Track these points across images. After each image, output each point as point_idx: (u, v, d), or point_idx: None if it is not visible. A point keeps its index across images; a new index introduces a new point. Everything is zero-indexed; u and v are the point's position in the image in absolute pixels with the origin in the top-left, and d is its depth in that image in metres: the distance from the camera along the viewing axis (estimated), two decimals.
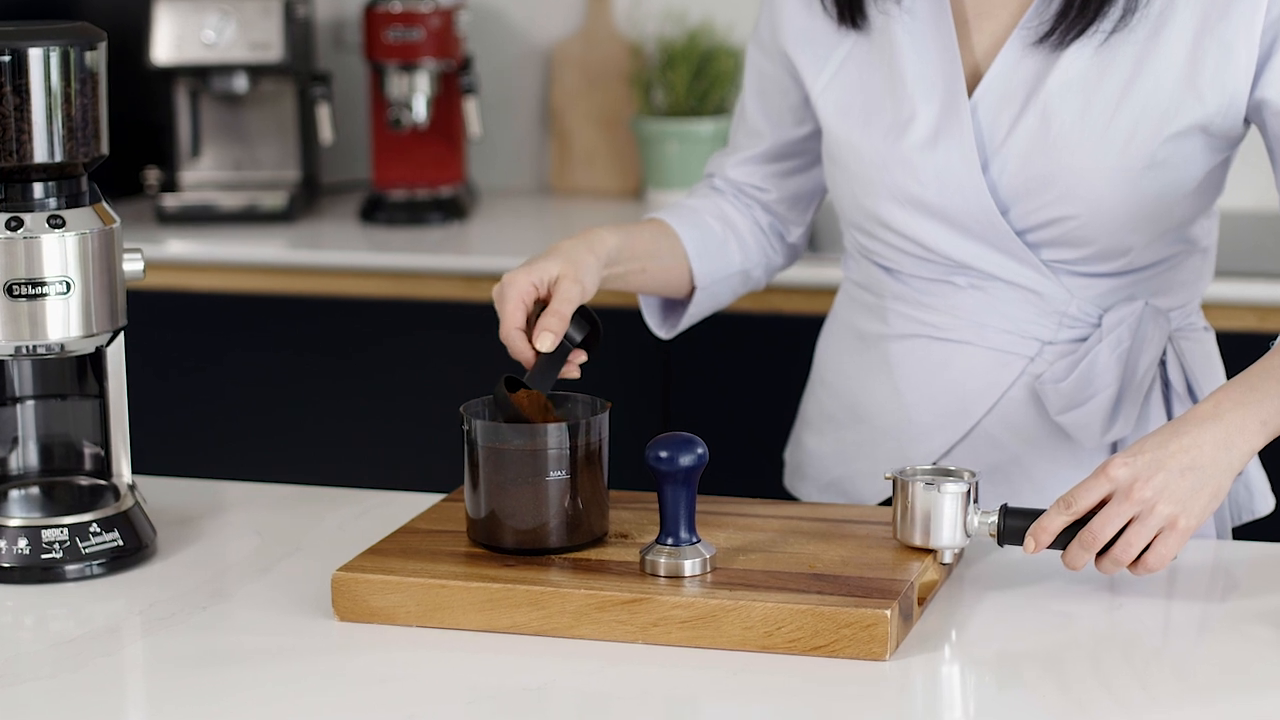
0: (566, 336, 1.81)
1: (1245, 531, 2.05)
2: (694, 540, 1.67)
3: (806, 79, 2.01)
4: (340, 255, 3.27)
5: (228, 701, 1.53)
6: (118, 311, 1.82)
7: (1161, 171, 1.89)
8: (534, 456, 1.69)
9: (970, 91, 1.92)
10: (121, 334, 1.84)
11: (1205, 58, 1.85)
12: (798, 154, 2.09)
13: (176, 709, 1.53)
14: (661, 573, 1.66)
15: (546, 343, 1.77)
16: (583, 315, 1.84)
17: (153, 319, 3.29)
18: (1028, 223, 1.92)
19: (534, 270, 1.81)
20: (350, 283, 3.25)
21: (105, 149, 1.82)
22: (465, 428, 1.72)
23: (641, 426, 2.74)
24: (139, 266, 1.83)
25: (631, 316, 3.26)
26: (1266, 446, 1.74)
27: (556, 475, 1.70)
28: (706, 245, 2.05)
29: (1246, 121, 1.89)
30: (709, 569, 1.67)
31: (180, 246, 3.35)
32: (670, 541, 1.67)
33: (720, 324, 2.59)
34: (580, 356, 1.82)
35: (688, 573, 1.66)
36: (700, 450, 1.66)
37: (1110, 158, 1.88)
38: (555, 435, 1.69)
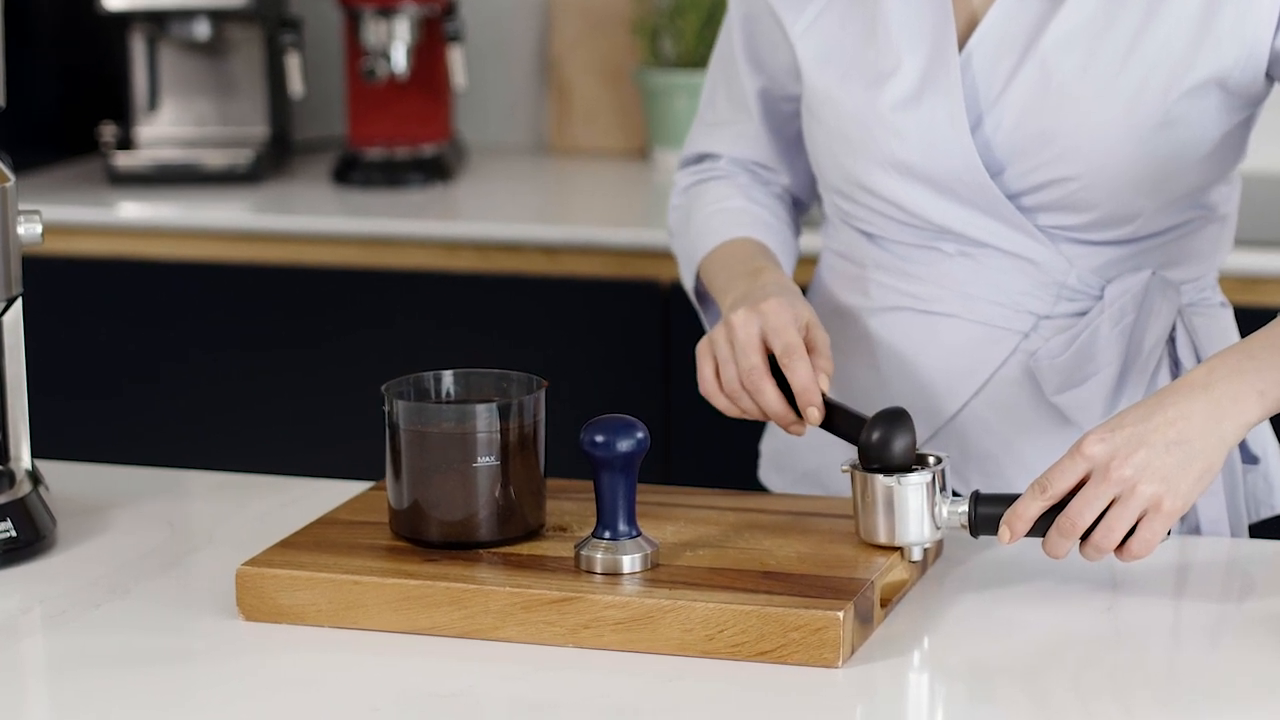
0: None
1: (1264, 529, 2.04)
2: (634, 534, 1.68)
3: (786, 23, 2.01)
4: (311, 220, 3.28)
5: (118, 708, 1.53)
6: (12, 279, 1.83)
7: (1173, 131, 1.88)
8: (461, 440, 1.70)
9: (965, 43, 1.91)
10: (19, 304, 1.85)
11: (1224, 3, 1.84)
12: (795, 115, 2.09)
13: (64, 714, 1.54)
14: (597, 569, 1.66)
15: (826, 384, 1.83)
16: None
17: (103, 289, 3.30)
18: (1023, 185, 1.91)
19: (790, 309, 1.85)
20: (322, 250, 3.26)
21: (1, 100, 1.83)
22: (386, 408, 1.73)
23: (639, 410, 2.73)
24: (37, 230, 1.83)
25: (632, 290, 3.28)
26: None
27: (486, 461, 1.70)
28: (779, 241, 2.07)
29: (1268, 77, 1.88)
30: (650, 565, 1.67)
31: (135, 209, 3.36)
32: (607, 535, 1.67)
33: None
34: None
35: (626, 569, 1.66)
36: (640, 434, 1.66)
37: (1117, 113, 1.87)
38: (484, 417, 1.70)
